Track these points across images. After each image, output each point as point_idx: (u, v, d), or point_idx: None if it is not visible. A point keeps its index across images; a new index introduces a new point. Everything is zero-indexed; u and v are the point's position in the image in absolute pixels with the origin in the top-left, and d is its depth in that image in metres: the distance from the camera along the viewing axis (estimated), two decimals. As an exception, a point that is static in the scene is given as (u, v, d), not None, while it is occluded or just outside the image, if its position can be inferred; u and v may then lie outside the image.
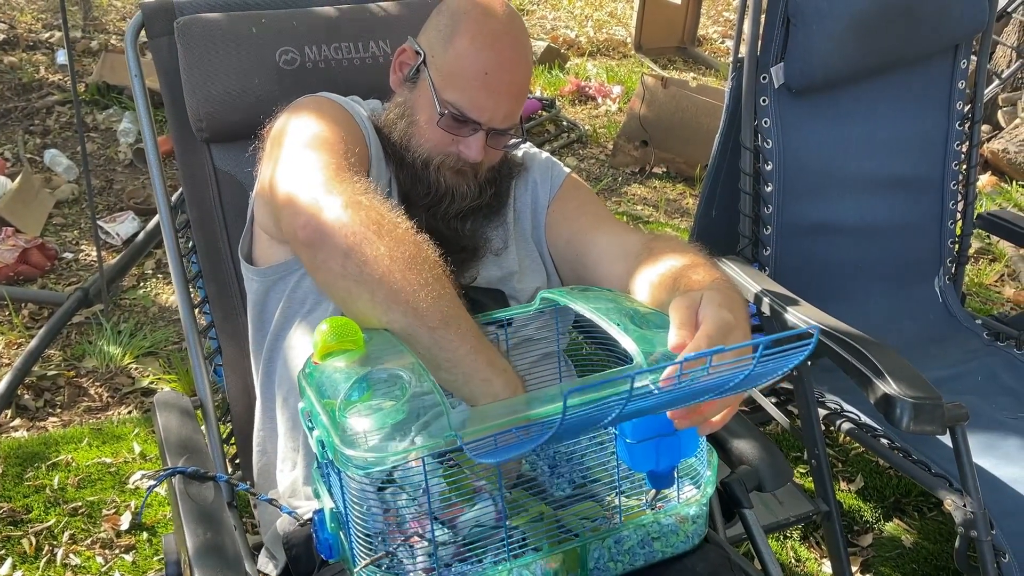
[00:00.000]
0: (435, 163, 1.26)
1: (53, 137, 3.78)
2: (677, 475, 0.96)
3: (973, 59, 2.03)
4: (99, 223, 3.01)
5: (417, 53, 1.26)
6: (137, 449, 2.17)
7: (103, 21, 5.05)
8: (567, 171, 1.42)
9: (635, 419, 0.84)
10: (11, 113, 3.90)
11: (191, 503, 1.12)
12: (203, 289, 1.52)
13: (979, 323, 2.04)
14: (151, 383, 2.43)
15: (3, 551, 1.87)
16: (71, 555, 1.88)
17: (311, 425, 0.88)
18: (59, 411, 2.33)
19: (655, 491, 0.95)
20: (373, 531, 0.87)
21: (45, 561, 1.85)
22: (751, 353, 0.74)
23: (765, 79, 1.83)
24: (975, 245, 3.24)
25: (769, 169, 1.86)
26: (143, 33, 1.47)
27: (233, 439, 1.52)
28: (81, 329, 2.63)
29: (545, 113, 4.18)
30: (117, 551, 1.90)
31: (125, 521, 1.96)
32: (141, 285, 2.87)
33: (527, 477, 1.02)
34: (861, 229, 1.98)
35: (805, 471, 2.12)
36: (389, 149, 1.29)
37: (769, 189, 1.87)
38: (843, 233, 1.96)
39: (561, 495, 1.00)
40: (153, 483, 1.21)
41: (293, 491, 1.21)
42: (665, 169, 3.84)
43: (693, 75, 5.06)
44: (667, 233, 3.09)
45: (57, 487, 2.04)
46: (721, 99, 2.00)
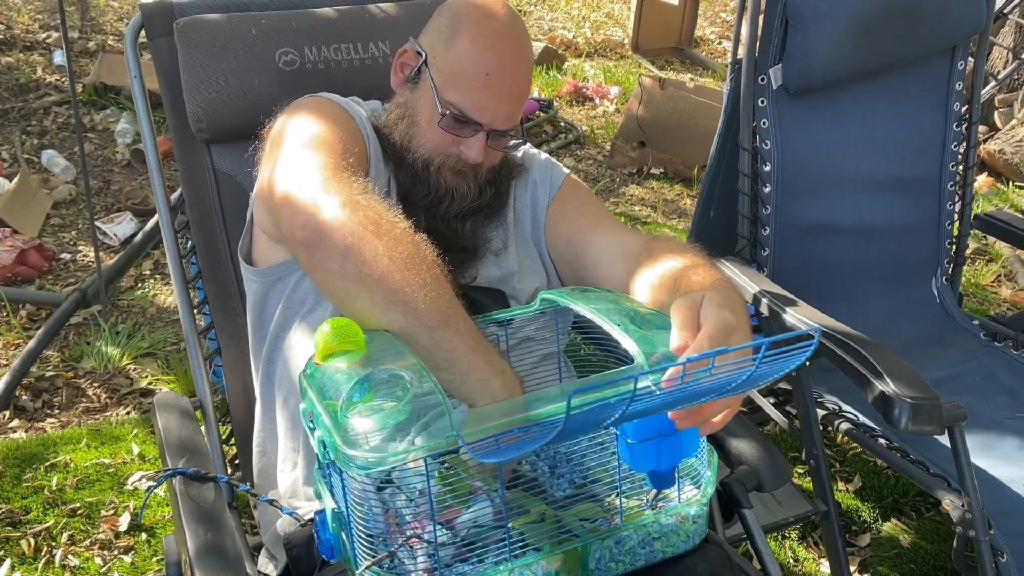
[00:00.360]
0: (435, 164, 1.26)
1: (50, 138, 3.77)
2: (678, 475, 0.96)
3: (970, 60, 2.04)
4: (97, 224, 3.00)
5: (418, 54, 1.26)
6: (136, 450, 2.17)
7: (100, 22, 5.05)
8: (566, 172, 1.42)
9: (636, 419, 0.85)
10: (8, 114, 3.89)
11: (192, 504, 1.12)
12: (202, 290, 1.52)
13: (976, 323, 2.04)
14: (149, 384, 2.43)
15: (2, 552, 1.87)
16: (70, 556, 1.88)
17: (312, 425, 0.88)
18: (57, 412, 2.33)
19: (656, 491, 0.96)
20: (375, 531, 0.87)
21: (44, 562, 1.85)
22: (753, 354, 0.74)
23: (763, 80, 1.84)
24: (972, 246, 3.25)
25: (767, 170, 1.86)
26: (143, 34, 1.47)
27: (233, 440, 1.52)
28: (79, 330, 2.63)
29: (543, 114, 4.18)
30: (116, 552, 1.90)
31: (124, 522, 1.96)
32: (139, 286, 2.87)
33: (527, 477, 1.02)
34: (859, 230, 1.98)
35: (803, 471, 2.12)
36: (389, 149, 1.29)
37: (767, 190, 1.87)
38: (841, 234, 1.97)
39: (561, 495, 1.00)
40: (153, 484, 1.21)
41: (293, 491, 1.21)
42: (663, 170, 3.85)
43: (690, 76, 5.07)
44: (666, 234, 3.09)
45: (56, 488, 2.04)
46: (718, 100, 2.01)
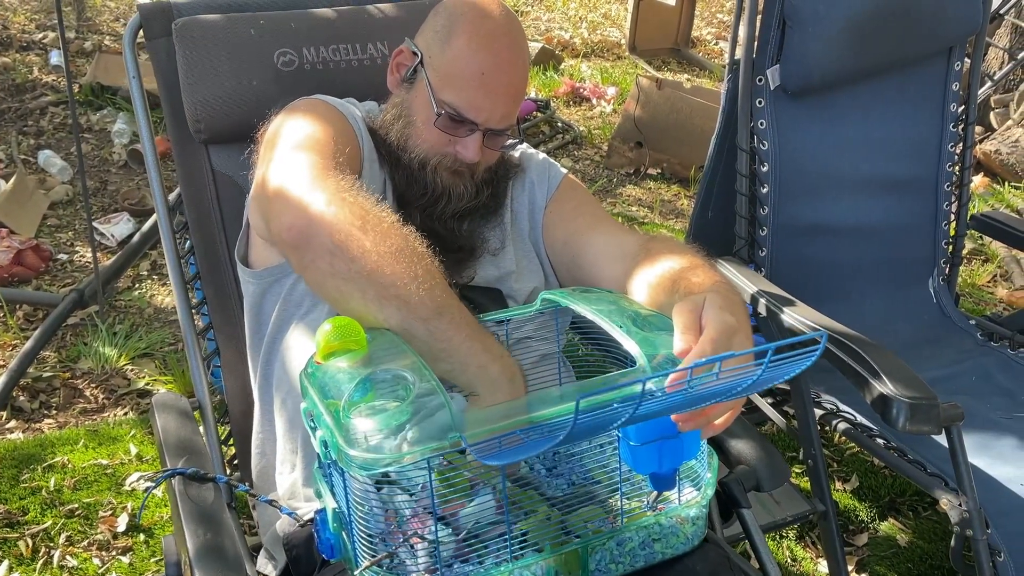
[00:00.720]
0: (432, 163, 1.26)
1: (47, 138, 3.76)
2: (678, 477, 0.96)
3: (966, 61, 2.04)
4: (94, 224, 3.00)
5: (414, 54, 1.26)
6: (133, 451, 2.16)
7: (96, 22, 5.04)
8: (564, 172, 1.42)
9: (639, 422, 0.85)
10: (5, 114, 3.88)
11: (191, 504, 1.12)
12: (200, 290, 1.52)
13: (973, 323, 2.05)
14: (147, 384, 2.43)
15: (0, 553, 1.87)
16: (68, 557, 1.87)
17: (314, 425, 0.88)
18: (55, 413, 2.33)
19: (657, 493, 0.96)
20: (376, 531, 0.87)
21: (42, 563, 1.85)
22: (759, 359, 0.75)
23: (761, 81, 1.84)
24: (968, 246, 3.26)
25: (765, 170, 1.87)
26: (141, 34, 1.47)
27: (232, 440, 1.52)
28: (76, 331, 2.62)
29: (540, 114, 4.18)
30: (114, 553, 1.90)
31: (122, 523, 1.96)
32: (136, 286, 2.87)
33: (524, 479, 1.02)
34: (856, 230, 1.99)
35: (801, 471, 2.12)
36: (384, 150, 1.29)
37: (765, 190, 1.87)
38: (839, 234, 1.97)
39: (559, 495, 1.00)
40: (153, 484, 1.21)
41: (292, 493, 1.20)
42: (660, 170, 3.85)
43: (687, 76, 5.07)
44: (664, 234, 3.10)
45: (53, 489, 2.03)
46: (715, 100, 2.01)
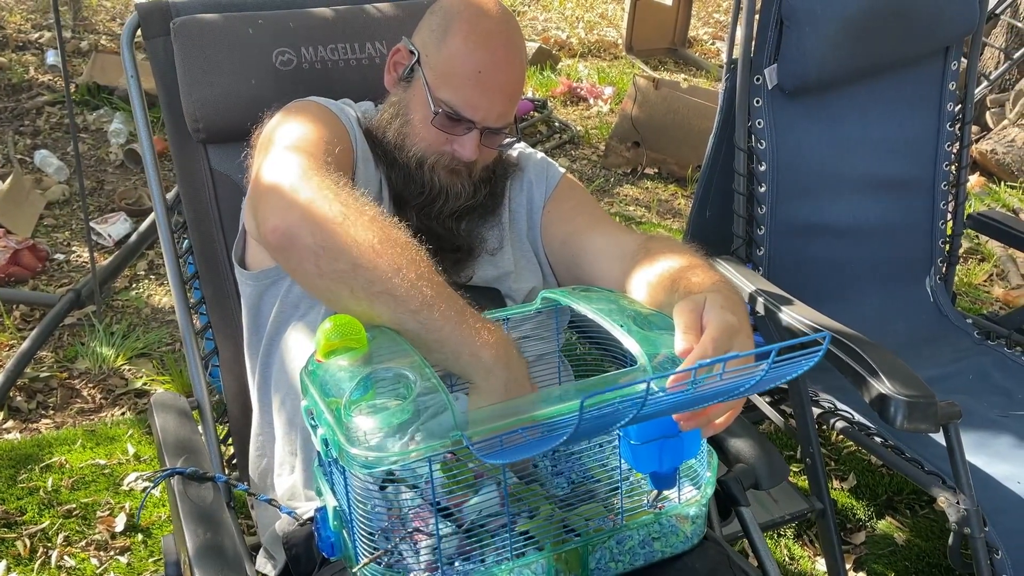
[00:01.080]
0: (429, 162, 1.26)
1: (43, 138, 3.76)
2: (679, 476, 0.96)
3: (963, 61, 2.05)
4: (91, 224, 2.99)
5: (411, 53, 1.26)
6: (131, 451, 2.16)
7: (93, 21, 5.03)
8: (562, 171, 1.42)
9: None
10: (1, 114, 3.88)
11: (190, 504, 1.12)
12: (199, 290, 1.52)
13: (970, 322, 2.05)
14: (144, 384, 2.43)
15: (-3, 553, 1.87)
16: (66, 557, 1.87)
17: (314, 423, 0.88)
18: (52, 413, 2.32)
19: (657, 492, 0.96)
20: (376, 529, 0.87)
21: (40, 563, 1.84)
22: (761, 359, 0.75)
23: (759, 80, 1.84)
24: (964, 245, 3.26)
25: (763, 170, 1.87)
26: (138, 33, 1.46)
27: (231, 440, 1.51)
28: (73, 331, 2.62)
29: (537, 114, 4.18)
30: (112, 553, 1.89)
31: (120, 523, 1.96)
32: (133, 286, 2.86)
33: (532, 475, 1.02)
34: (854, 229, 1.99)
35: (799, 470, 2.13)
36: (380, 150, 1.28)
37: (763, 189, 1.88)
38: (836, 233, 1.98)
39: (560, 493, 1.00)
40: (151, 484, 1.21)
41: (292, 495, 1.20)
42: (657, 170, 3.85)
43: (684, 76, 5.07)
44: (663, 234, 3.10)
45: (51, 489, 2.03)
46: (712, 100, 2.01)
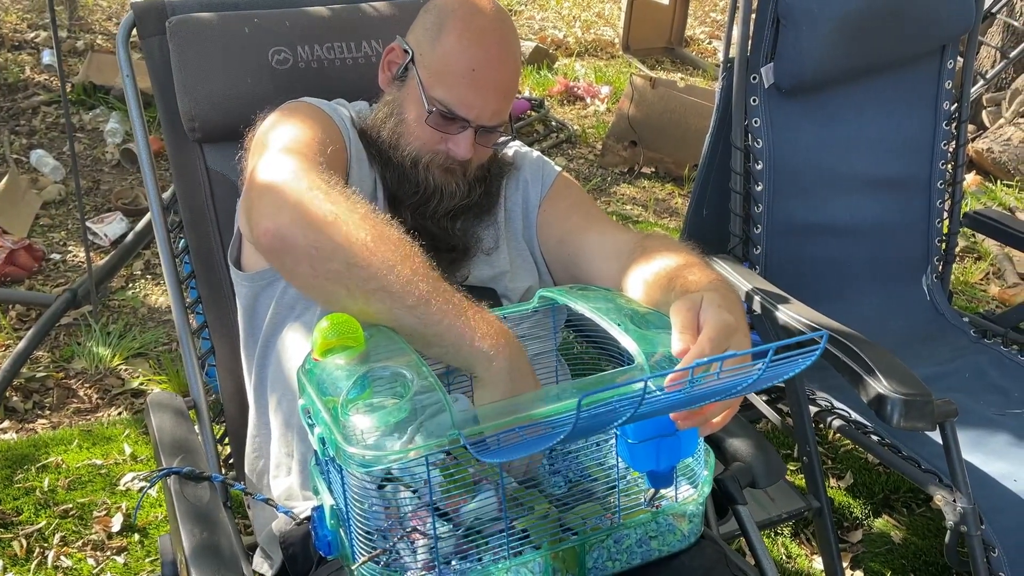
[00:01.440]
0: (424, 161, 1.26)
1: (39, 137, 3.75)
2: (676, 475, 0.96)
3: (959, 59, 2.05)
4: (87, 224, 2.99)
5: (405, 52, 1.26)
6: (128, 450, 2.16)
7: (89, 21, 5.02)
8: (558, 170, 1.41)
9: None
10: (-3, 113, 3.88)
11: (187, 503, 1.11)
12: (195, 289, 1.52)
13: (966, 321, 2.05)
14: (141, 384, 2.42)
15: (-7, 554, 1.86)
16: (62, 557, 1.87)
17: (311, 422, 0.88)
18: (48, 413, 2.32)
19: (654, 490, 0.96)
20: (374, 528, 0.87)
21: (36, 564, 1.84)
22: (759, 358, 0.75)
23: (755, 79, 1.84)
24: (961, 244, 3.27)
25: (759, 168, 1.87)
26: (134, 33, 1.46)
27: (227, 439, 1.51)
28: (70, 331, 2.62)
29: (534, 113, 4.18)
30: (108, 553, 1.89)
31: (116, 523, 1.95)
32: (130, 286, 2.86)
33: (532, 478, 1.02)
34: (850, 228, 1.99)
35: (796, 468, 2.13)
36: (375, 149, 1.28)
37: (759, 188, 1.88)
38: (833, 232, 1.98)
39: (558, 492, 1.00)
40: (148, 483, 1.21)
41: (288, 496, 1.20)
42: (654, 169, 3.85)
43: (681, 75, 5.07)
44: (660, 232, 3.09)
45: (47, 489, 2.03)
46: (709, 99, 2.01)
